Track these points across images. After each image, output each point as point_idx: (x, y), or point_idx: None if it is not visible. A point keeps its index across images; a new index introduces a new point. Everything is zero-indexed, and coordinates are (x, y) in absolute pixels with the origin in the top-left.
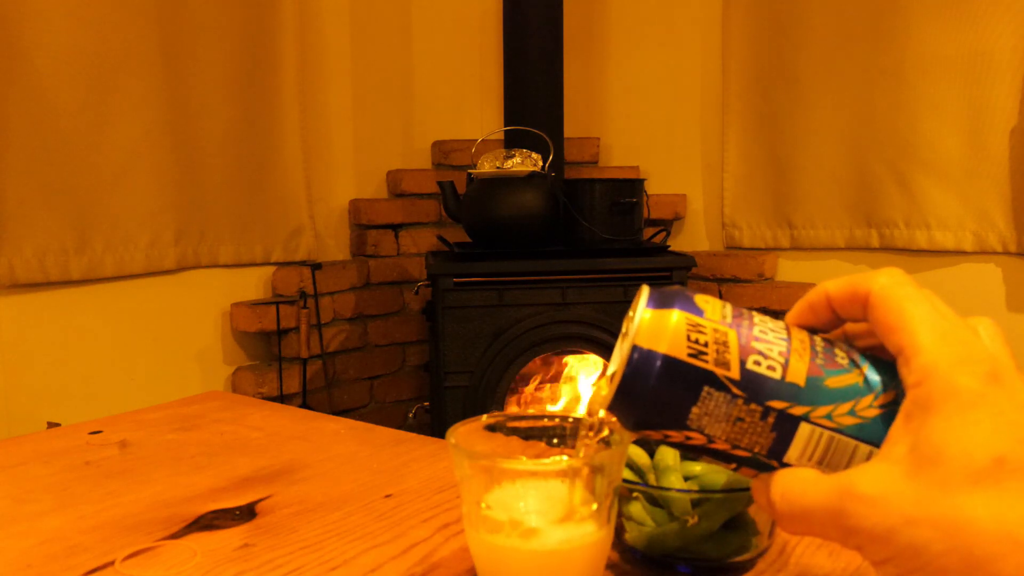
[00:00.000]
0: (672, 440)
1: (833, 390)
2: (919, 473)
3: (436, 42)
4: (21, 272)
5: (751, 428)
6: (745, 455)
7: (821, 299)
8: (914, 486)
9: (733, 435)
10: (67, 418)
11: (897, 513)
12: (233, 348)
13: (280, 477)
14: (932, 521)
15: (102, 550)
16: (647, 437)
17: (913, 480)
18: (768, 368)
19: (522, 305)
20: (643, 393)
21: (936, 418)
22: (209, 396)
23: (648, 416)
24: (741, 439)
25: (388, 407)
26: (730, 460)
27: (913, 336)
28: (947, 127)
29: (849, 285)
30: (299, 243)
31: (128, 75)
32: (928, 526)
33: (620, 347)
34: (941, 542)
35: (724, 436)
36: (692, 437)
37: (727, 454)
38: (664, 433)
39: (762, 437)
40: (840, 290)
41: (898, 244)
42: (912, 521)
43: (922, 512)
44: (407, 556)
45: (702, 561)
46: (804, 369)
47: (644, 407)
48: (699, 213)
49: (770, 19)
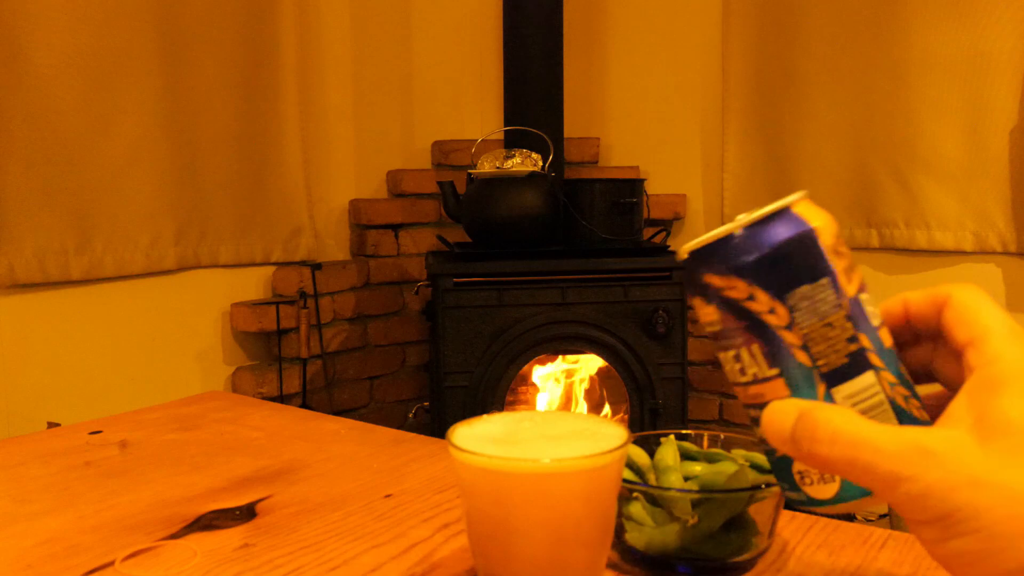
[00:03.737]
0: (752, 306)
1: (903, 372)
2: (987, 442)
3: (436, 42)
4: (21, 272)
5: (833, 340)
6: (804, 362)
7: (898, 307)
8: (983, 452)
9: (814, 335)
10: (67, 418)
11: (963, 473)
12: (233, 348)
13: (280, 477)
14: (996, 486)
15: (102, 550)
16: (722, 290)
17: (981, 447)
18: (871, 313)
19: (522, 305)
20: (773, 245)
21: (1006, 395)
22: (209, 396)
23: (759, 267)
24: (817, 343)
25: (388, 407)
26: (781, 362)
27: (987, 328)
28: (947, 127)
29: (928, 293)
30: (299, 243)
31: (128, 75)
32: (991, 490)
33: (753, 212)
34: (1002, 508)
35: (807, 330)
36: (775, 310)
37: (785, 351)
38: (755, 291)
39: (835, 355)
40: (919, 296)
41: (898, 244)
42: (976, 483)
43: (988, 476)
44: (407, 556)
45: (702, 561)
46: (891, 339)
47: (763, 257)
48: (699, 213)
49: (770, 19)
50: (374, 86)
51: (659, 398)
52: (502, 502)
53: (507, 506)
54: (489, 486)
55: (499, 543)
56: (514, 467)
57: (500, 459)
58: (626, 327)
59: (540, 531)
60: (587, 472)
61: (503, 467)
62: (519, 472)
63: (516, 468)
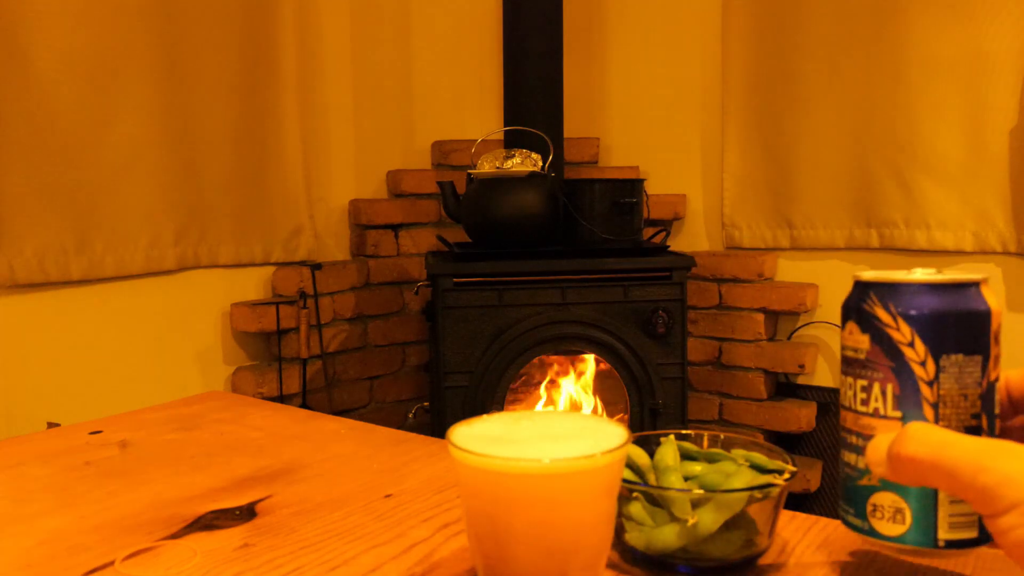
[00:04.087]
0: (907, 351)
1: None
2: None
3: (436, 42)
4: (21, 272)
5: (961, 410)
6: (928, 417)
7: (1002, 388)
8: None
9: (948, 399)
10: (67, 418)
11: None
12: (233, 348)
13: (280, 477)
14: None
15: (102, 550)
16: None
17: None
18: (997, 402)
19: (522, 305)
20: (953, 309)
21: None
22: (209, 396)
23: (932, 322)
24: (947, 407)
25: (388, 407)
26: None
27: None
28: (947, 127)
29: None
30: (299, 243)
31: (128, 75)
32: None
33: (941, 272)
34: None
35: (944, 392)
36: (926, 364)
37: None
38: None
39: (957, 422)
40: (1018, 375)
41: (898, 244)
42: None
43: None
44: (407, 556)
45: (702, 561)
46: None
47: (940, 315)
48: (699, 213)
49: (770, 19)
50: (374, 86)
51: (659, 398)
52: (502, 502)
53: (507, 506)
54: (489, 486)
55: (499, 543)
56: (514, 467)
57: (500, 459)
58: (626, 327)
59: (540, 531)
60: (587, 472)
61: (503, 467)
62: (519, 472)
63: (516, 468)
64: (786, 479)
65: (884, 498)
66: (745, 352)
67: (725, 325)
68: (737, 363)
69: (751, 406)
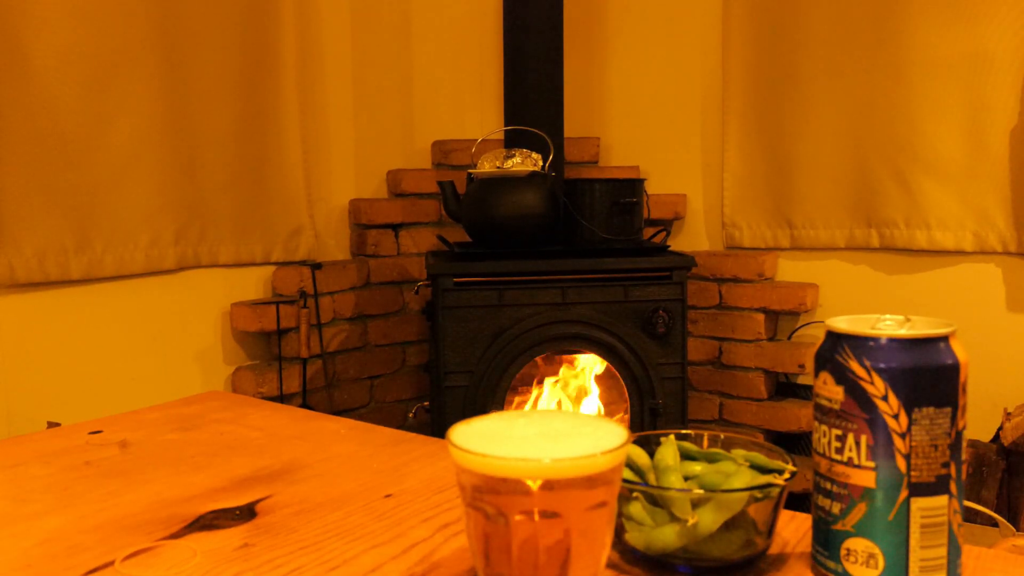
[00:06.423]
0: (880, 405)
1: (963, 502)
2: None
3: (436, 42)
4: (21, 272)
5: (932, 460)
6: (901, 468)
7: None
8: None
9: (920, 450)
10: (67, 418)
11: None
12: (233, 348)
13: (280, 477)
14: None
15: (102, 550)
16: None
17: None
18: (964, 448)
19: (522, 305)
20: (925, 365)
21: None
22: (209, 396)
23: (905, 377)
24: (919, 457)
25: (388, 407)
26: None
27: None
28: (947, 127)
29: None
30: (299, 243)
31: (128, 75)
32: None
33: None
34: None
35: (916, 444)
36: (899, 417)
37: (890, 453)
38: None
39: (928, 472)
40: None
41: (898, 244)
42: None
43: None
44: (407, 556)
45: (702, 561)
46: (965, 475)
47: (913, 370)
48: (699, 213)
49: (770, 19)
50: (374, 86)
51: (659, 398)
52: (502, 502)
53: (507, 506)
54: (489, 486)
55: (499, 543)
56: (514, 467)
57: (500, 459)
58: (626, 327)
59: (540, 531)
60: (587, 472)
61: (503, 467)
62: (519, 472)
63: (516, 468)
64: (786, 479)
65: (857, 543)
66: (745, 352)
67: (725, 325)
68: (737, 363)
69: (751, 406)
